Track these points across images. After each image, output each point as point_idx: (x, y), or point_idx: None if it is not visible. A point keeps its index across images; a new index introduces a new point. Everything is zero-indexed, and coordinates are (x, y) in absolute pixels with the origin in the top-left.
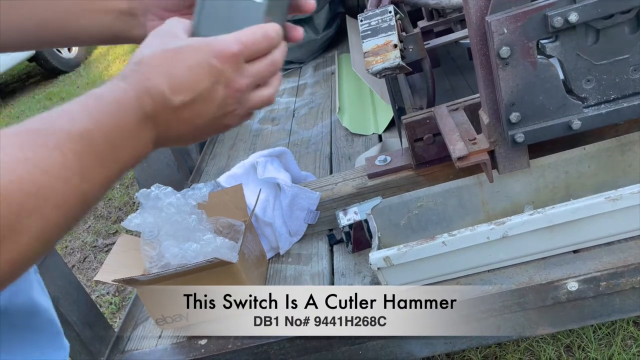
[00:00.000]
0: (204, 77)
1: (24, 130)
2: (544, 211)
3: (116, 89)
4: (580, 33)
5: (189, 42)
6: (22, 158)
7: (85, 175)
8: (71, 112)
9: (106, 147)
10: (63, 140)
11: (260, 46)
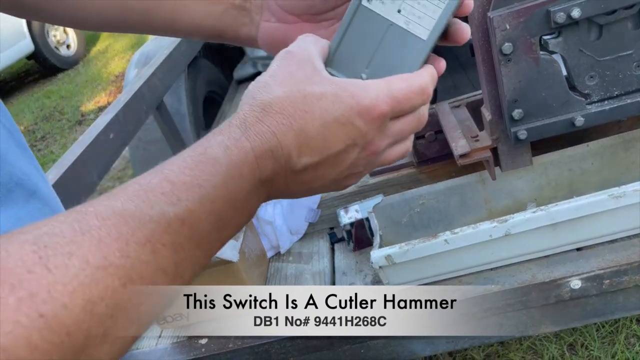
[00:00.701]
0: (340, 139)
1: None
2: (547, 209)
3: (235, 148)
4: (583, 29)
5: (331, 88)
6: (100, 266)
7: (180, 272)
8: (176, 185)
9: (210, 228)
10: (159, 232)
11: (414, 102)
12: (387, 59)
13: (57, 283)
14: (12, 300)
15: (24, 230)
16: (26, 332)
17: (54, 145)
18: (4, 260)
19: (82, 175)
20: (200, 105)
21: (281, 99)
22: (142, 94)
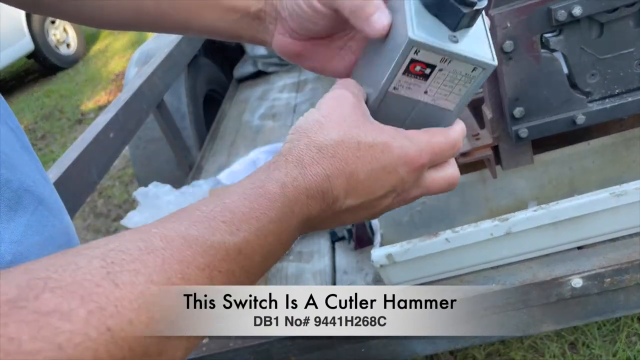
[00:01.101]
0: (384, 185)
1: (176, 237)
2: (548, 207)
3: (291, 186)
4: (584, 27)
5: (381, 137)
6: (163, 286)
7: None
8: (236, 215)
9: (260, 259)
10: (218, 259)
11: (447, 155)
12: (418, 125)
13: (124, 299)
14: (82, 312)
15: (92, 246)
16: (94, 344)
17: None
18: (74, 273)
19: (82, 174)
20: (201, 104)
21: (337, 143)
22: (142, 92)
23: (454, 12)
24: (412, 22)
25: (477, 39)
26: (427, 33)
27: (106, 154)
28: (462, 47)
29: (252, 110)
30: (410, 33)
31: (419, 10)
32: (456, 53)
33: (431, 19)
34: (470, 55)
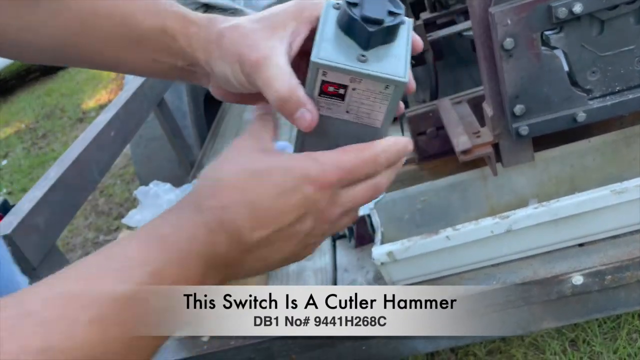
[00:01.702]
0: (292, 209)
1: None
2: (549, 205)
3: (186, 224)
4: (584, 24)
5: (280, 162)
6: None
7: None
8: (124, 262)
9: (159, 306)
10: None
11: (366, 171)
12: (341, 138)
13: None
14: None
15: None
16: None
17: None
18: None
19: (83, 173)
20: (202, 103)
21: (232, 175)
22: (143, 91)
23: (362, 32)
24: (319, 44)
25: (392, 56)
26: (334, 54)
27: (107, 153)
28: (370, 66)
29: (253, 109)
30: (314, 56)
31: (333, 31)
32: (361, 72)
33: (345, 39)
34: (377, 73)
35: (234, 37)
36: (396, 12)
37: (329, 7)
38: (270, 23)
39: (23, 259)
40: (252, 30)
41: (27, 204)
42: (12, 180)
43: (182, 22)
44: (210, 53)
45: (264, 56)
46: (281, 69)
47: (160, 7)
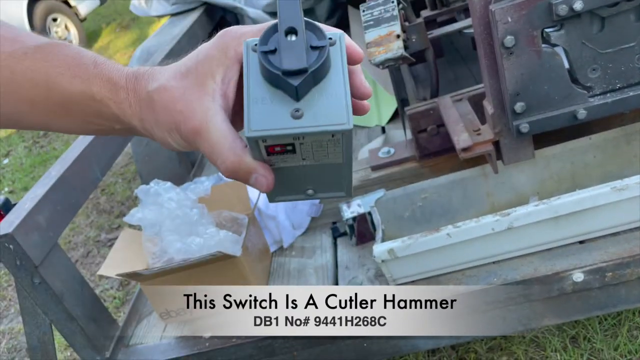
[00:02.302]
0: None
1: None
2: (550, 202)
3: None
4: (585, 21)
5: None
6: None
7: None
8: None
9: None
10: None
11: None
12: (320, 182)
13: None
14: None
15: None
16: None
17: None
18: None
19: (85, 172)
20: None
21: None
22: None
23: (288, 86)
24: (247, 112)
25: (329, 96)
26: (266, 120)
27: (109, 151)
28: (307, 120)
29: None
30: (247, 131)
31: (259, 85)
32: (301, 133)
33: (273, 93)
34: (316, 129)
35: (164, 101)
36: (320, 46)
37: (249, 50)
38: (197, 77)
39: (25, 257)
40: (181, 91)
41: (29, 203)
42: (14, 178)
43: (109, 87)
44: (144, 121)
45: (200, 123)
46: (222, 135)
47: (86, 71)
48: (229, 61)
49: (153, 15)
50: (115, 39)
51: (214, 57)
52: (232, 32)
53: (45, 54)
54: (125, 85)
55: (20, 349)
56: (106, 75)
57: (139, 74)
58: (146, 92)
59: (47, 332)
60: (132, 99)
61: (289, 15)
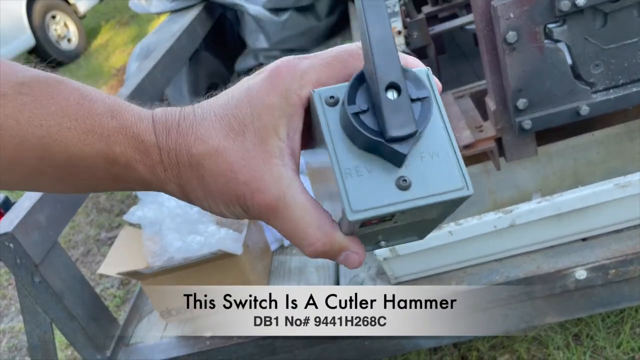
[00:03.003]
0: None
1: None
2: (552, 199)
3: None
4: (588, 17)
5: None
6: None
7: None
8: None
9: None
10: None
11: None
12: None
13: None
14: None
15: None
16: None
17: None
18: None
19: None
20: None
21: None
22: (144, 87)
23: (393, 155)
24: (344, 190)
25: (435, 156)
26: (368, 196)
27: None
28: (418, 190)
29: None
30: (348, 213)
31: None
32: (414, 207)
33: (366, 159)
34: (433, 200)
35: (218, 170)
36: (422, 97)
37: (323, 103)
38: (256, 133)
39: (25, 255)
40: (239, 155)
41: (29, 201)
42: None
43: (136, 145)
44: (185, 188)
45: (275, 198)
46: (305, 211)
47: (101, 124)
48: (291, 109)
49: (152, 12)
50: (114, 36)
51: (273, 106)
52: (288, 69)
53: (36, 96)
54: (156, 143)
55: (20, 348)
56: (130, 129)
57: (172, 124)
58: (188, 154)
59: (48, 330)
60: (167, 160)
61: (388, 67)
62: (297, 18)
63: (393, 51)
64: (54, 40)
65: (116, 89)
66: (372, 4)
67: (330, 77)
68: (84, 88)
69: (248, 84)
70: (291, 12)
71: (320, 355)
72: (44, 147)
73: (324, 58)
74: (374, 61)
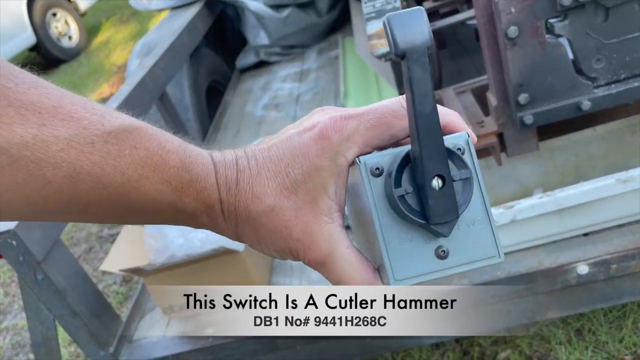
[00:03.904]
0: None
1: None
2: (554, 194)
3: None
4: (589, 11)
5: None
6: None
7: None
8: None
9: None
10: None
11: None
12: None
13: None
14: None
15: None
16: None
17: None
18: None
19: None
20: (204, 95)
21: None
22: (145, 84)
23: (436, 233)
24: (388, 258)
25: (471, 227)
26: (410, 264)
27: None
28: (454, 259)
29: (255, 101)
30: (391, 280)
31: (390, 220)
32: (449, 275)
33: (409, 229)
34: (467, 267)
35: (273, 227)
36: (463, 178)
37: (368, 174)
38: (307, 192)
39: (28, 253)
40: (292, 213)
41: None
42: None
43: (203, 199)
44: (242, 237)
45: (324, 254)
46: (351, 265)
47: (176, 177)
48: (339, 169)
49: (153, 9)
50: (115, 33)
51: (324, 168)
52: (335, 131)
53: (120, 146)
54: (219, 198)
55: (24, 345)
56: (200, 184)
57: (232, 180)
58: (246, 210)
59: (51, 327)
60: (227, 212)
61: (434, 158)
62: (297, 14)
63: (439, 138)
64: (55, 38)
65: (117, 86)
66: (419, 77)
67: (375, 138)
68: (160, 135)
69: (298, 142)
70: (292, 8)
71: (322, 352)
72: (123, 193)
73: (369, 120)
74: (420, 151)
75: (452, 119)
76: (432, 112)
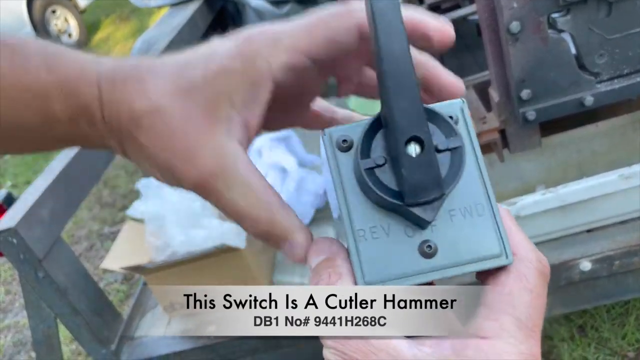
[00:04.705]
0: None
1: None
2: (557, 190)
3: None
4: (592, 6)
5: None
6: None
7: None
8: None
9: None
10: None
11: None
12: None
13: None
14: None
15: None
16: None
17: None
18: None
19: (87, 164)
20: None
21: None
22: None
23: (414, 218)
24: (357, 254)
25: (466, 215)
26: (386, 264)
27: None
28: (444, 258)
29: None
30: (360, 282)
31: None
32: (440, 278)
33: (384, 218)
34: (463, 270)
35: (155, 132)
36: (451, 148)
37: (334, 147)
38: (206, 97)
39: (28, 251)
40: (181, 120)
41: (31, 197)
42: (16, 172)
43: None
44: (127, 148)
45: (209, 173)
46: (247, 187)
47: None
48: (256, 76)
49: (153, 6)
50: (115, 30)
51: (233, 70)
52: (260, 33)
53: None
54: (99, 96)
55: (25, 343)
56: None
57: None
58: (130, 109)
59: (52, 325)
60: (108, 115)
61: (409, 116)
62: (298, 10)
63: (413, 87)
64: (55, 35)
65: None
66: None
67: (308, 40)
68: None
69: (215, 44)
70: (292, 4)
71: None
72: None
73: (301, 21)
74: (390, 104)
75: (446, 83)
76: (402, 52)
